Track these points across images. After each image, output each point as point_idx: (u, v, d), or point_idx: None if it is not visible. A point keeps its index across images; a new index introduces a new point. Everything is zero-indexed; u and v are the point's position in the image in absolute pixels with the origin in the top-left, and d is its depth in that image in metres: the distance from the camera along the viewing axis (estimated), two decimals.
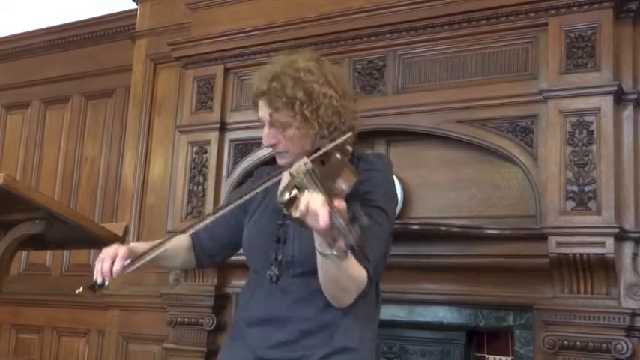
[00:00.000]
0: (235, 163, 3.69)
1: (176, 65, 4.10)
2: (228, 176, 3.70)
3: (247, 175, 3.54)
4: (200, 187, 3.73)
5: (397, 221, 3.18)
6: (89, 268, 4.59)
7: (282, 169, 1.70)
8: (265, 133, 1.75)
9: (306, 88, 1.68)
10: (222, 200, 3.57)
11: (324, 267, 1.54)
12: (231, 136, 3.75)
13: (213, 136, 3.76)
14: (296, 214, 1.42)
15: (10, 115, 5.32)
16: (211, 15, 3.94)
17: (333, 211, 1.37)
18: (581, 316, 2.79)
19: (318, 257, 1.52)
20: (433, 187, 3.31)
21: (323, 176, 1.48)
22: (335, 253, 1.45)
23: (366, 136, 3.42)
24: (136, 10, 4.54)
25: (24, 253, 4.78)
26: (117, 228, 2.28)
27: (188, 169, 3.79)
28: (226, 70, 3.78)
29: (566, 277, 2.83)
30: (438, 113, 3.20)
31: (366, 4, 3.42)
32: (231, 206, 1.71)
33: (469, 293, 3.09)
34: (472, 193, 3.21)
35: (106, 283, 1.69)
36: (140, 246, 1.79)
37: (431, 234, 3.08)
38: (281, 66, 1.73)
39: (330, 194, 1.43)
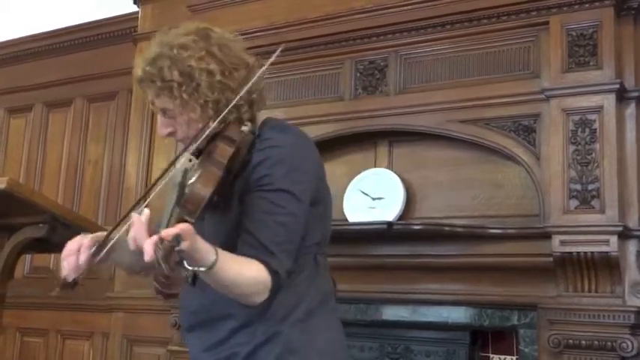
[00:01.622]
0: None
1: None
2: None
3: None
4: None
5: (400, 221, 3.20)
6: (92, 272, 4.60)
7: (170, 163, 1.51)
8: (158, 122, 1.60)
9: (182, 67, 1.50)
10: None
11: (207, 280, 1.41)
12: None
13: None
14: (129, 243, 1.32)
15: (13, 118, 5.33)
16: (213, 17, 3.93)
17: (160, 243, 1.25)
18: (585, 314, 2.79)
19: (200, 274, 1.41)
20: (436, 186, 3.31)
21: (200, 167, 1.37)
22: (201, 268, 1.33)
23: (368, 137, 3.43)
24: (137, 12, 4.54)
25: (28, 257, 4.78)
26: None
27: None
28: None
29: (571, 275, 2.82)
30: (441, 113, 3.20)
31: (368, 5, 3.42)
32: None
33: (473, 293, 3.09)
34: (475, 192, 3.21)
35: (78, 279, 1.52)
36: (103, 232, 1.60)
37: (434, 234, 3.08)
38: (159, 46, 1.56)
39: (178, 202, 1.35)
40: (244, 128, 1.52)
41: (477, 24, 3.18)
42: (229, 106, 1.49)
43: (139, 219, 1.34)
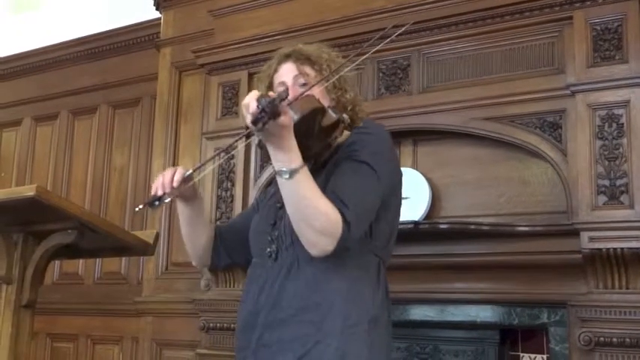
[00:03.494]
0: (262, 168, 3.70)
1: (200, 72, 4.12)
2: (255, 181, 3.71)
3: (274, 179, 3.54)
4: (228, 193, 3.75)
5: (426, 221, 3.19)
6: (121, 277, 4.67)
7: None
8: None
9: (330, 56, 1.78)
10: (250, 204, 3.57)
11: (284, 194, 1.53)
12: (257, 140, 3.75)
13: (240, 141, 3.76)
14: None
15: (40, 126, 5.40)
16: (234, 21, 3.96)
17: (260, 97, 1.39)
18: (616, 311, 2.75)
19: (279, 185, 1.53)
20: (461, 185, 3.29)
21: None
22: (287, 168, 1.47)
23: (392, 136, 3.40)
24: (159, 18, 4.58)
25: (57, 263, 4.85)
26: (148, 235, 2.29)
27: (216, 175, 3.81)
28: (250, 75, 3.79)
29: (600, 272, 2.79)
30: (465, 111, 3.18)
31: (388, 4, 3.42)
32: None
33: (501, 291, 3.06)
34: (501, 190, 3.19)
35: (167, 199, 1.69)
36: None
37: (461, 233, 3.06)
38: (296, 46, 1.82)
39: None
40: (345, 115, 1.68)
41: (499, 21, 3.16)
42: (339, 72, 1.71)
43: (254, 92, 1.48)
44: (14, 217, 2.14)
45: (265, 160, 3.70)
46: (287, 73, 1.76)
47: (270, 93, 1.46)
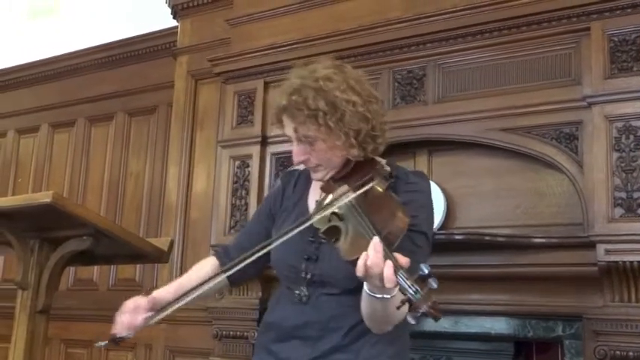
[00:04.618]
0: (277, 177, 3.71)
1: (217, 80, 4.14)
2: (270, 190, 3.72)
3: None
4: (243, 201, 3.76)
5: (441, 231, 3.17)
6: (135, 283, 4.68)
7: (323, 196, 1.63)
8: (294, 150, 1.69)
9: (328, 97, 1.61)
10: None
11: (372, 306, 1.49)
12: (272, 149, 3.77)
13: (255, 150, 3.78)
14: (358, 269, 1.37)
15: (57, 133, 5.44)
16: (250, 30, 3.97)
17: (398, 271, 1.32)
18: (633, 325, 2.72)
19: (365, 296, 1.48)
20: (477, 196, 3.27)
21: (366, 210, 1.45)
22: (387, 296, 1.41)
23: (407, 147, 3.41)
24: (176, 27, 4.61)
25: (71, 269, 4.87)
26: (162, 243, 2.30)
27: (230, 183, 3.82)
28: (266, 84, 3.81)
29: (617, 285, 2.76)
30: (481, 121, 3.17)
31: (404, 15, 3.42)
32: (272, 244, 1.65)
33: (516, 303, 3.04)
34: (517, 201, 3.17)
35: (129, 337, 1.65)
36: (164, 295, 1.76)
37: (476, 244, 3.04)
38: (300, 78, 1.67)
39: (379, 233, 1.39)
40: (382, 162, 1.68)
41: (516, 31, 3.15)
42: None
43: (379, 244, 1.39)
44: (30, 224, 2.16)
45: (281, 169, 3.71)
46: (288, 131, 1.69)
47: (401, 261, 1.36)
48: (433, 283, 1.33)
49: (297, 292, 1.66)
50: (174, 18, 4.62)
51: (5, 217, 2.11)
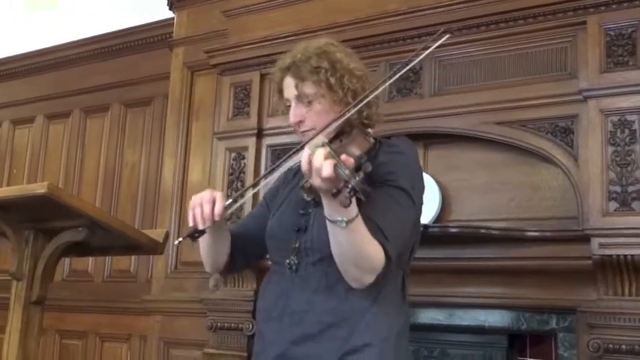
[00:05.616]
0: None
1: (213, 72, 4.13)
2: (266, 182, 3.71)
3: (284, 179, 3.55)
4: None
5: (435, 224, 3.18)
6: (130, 275, 4.69)
7: (298, 147, 1.66)
8: (292, 111, 1.73)
9: (330, 57, 1.71)
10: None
11: (335, 237, 1.50)
12: (268, 141, 3.77)
13: (251, 141, 3.78)
14: (302, 166, 1.41)
15: (52, 124, 5.43)
16: (247, 22, 3.97)
17: (337, 163, 1.35)
18: (626, 318, 2.74)
19: (329, 227, 1.49)
20: (472, 189, 3.28)
21: (338, 148, 1.47)
22: (344, 219, 1.43)
23: None
24: (172, 18, 4.59)
25: (66, 260, 4.86)
26: (158, 234, 2.30)
27: (226, 175, 3.82)
28: (262, 76, 3.80)
29: (610, 279, 2.78)
30: (476, 115, 3.17)
31: (401, 7, 3.42)
32: (281, 166, 1.73)
33: (510, 296, 3.05)
34: (512, 194, 3.18)
35: (206, 229, 1.64)
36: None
37: (470, 237, 3.05)
38: (302, 48, 1.76)
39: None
40: (370, 130, 1.69)
41: (512, 25, 3.15)
42: (373, 91, 1.68)
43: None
44: (25, 214, 2.16)
45: (276, 161, 3.71)
46: (289, 92, 1.74)
47: (343, 158, 1.37)
48: (368, 166, 1.39)
49: (287, 261, 1.68)
50: (170, 9, 4.61)
51: (0, 208, 2.11)
